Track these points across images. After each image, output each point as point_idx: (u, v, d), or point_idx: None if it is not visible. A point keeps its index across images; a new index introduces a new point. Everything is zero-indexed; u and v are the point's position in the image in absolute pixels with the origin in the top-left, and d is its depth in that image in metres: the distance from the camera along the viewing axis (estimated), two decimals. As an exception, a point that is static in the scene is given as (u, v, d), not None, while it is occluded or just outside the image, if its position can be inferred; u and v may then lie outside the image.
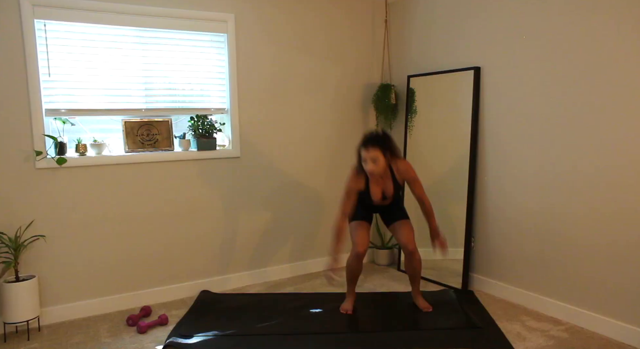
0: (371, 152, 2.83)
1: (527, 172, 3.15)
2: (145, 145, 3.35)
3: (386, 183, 3.00)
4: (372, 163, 2.84)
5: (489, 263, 3.46)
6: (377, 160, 2.84)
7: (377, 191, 2.99)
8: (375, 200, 3.02)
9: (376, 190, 2.99)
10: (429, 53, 3.81)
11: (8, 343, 2.82)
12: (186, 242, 3.50)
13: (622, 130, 2.63)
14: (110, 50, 3.18)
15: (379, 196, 3.00)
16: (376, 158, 2.84)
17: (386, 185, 3.00)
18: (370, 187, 2.99)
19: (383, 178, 2.99)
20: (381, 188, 3.00)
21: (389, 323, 2.97)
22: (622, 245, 2.67)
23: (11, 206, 2.94)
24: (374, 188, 2.99)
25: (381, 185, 3.00)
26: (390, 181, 3.00)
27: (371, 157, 2.84)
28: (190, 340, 2.73)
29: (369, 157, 2.84)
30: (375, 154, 2.83)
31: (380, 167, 2.86)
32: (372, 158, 2.84)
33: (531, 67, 3.07)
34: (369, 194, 3.00)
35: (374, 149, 2.83)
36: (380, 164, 2.85)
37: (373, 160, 2.84)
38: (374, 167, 2.85)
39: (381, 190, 3.00)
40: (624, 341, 2.68)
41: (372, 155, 2.83)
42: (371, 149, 2.83)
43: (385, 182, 3.00)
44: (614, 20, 2.63)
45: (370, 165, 2.85)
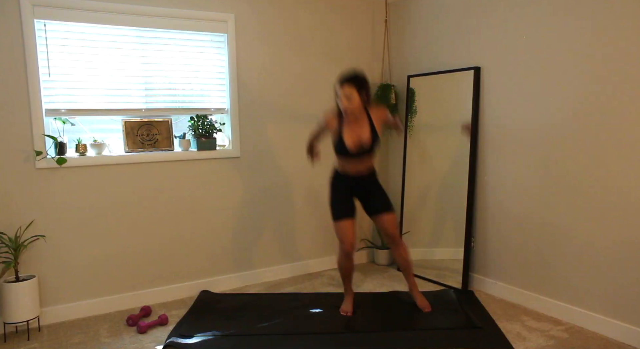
0: (346, 88, 2.80)
1: (527, 172, 3.15)
2: (145, 145, 3.35)
3: (362, 129, 2.90)
4: (347, 100, 2.80)
5: (489, 263, 3.46)
6: (352, 97, 2.81)
7: (352, 137, 2.88)
8: (351, 147, 2.87)
9: (351, 135, 2.88)
10: (429, 53, 3.81)
11: (8, 343, 2.82)
12: (186, 242, 3.50)
13: (622, 130, 2.63)
14: (110, 50, 3.18)
15: (354, 143, 2.87)
16: (350, 95, 2.80)
17: (362, 131, 2.90)
18: (345, 131, 2.89)
19: (359, 123, 2.90)
20: (357, 133, 2.91)
21: (389, 323, 2.96)
22: (622, 245, 2.67)
23: (11, 206, 2.94)
24: (348, 132, 2.89)
25: (357, 130, 2.90)
26: (368, 128, 2.91)
27: (346, 94, 2.79)
28: (190, 340, 2.73)
29: (343, 94, 2.80)
30: (350, 91, 2.80)
31: (354, 104, 2.82)
32: (347, 95, 2.79)
33: (531, 67, 3.07)
34: (343, 140, 2.88)
35: (349, 86, 2.80)
36: (354, 102, 2.82)
37: (347, 97, 2.80)
38: (347, 104, 2.81)
39: (357, 136, 2.89)
40: (624, 341, 2.68)
41: (346, 92, 2.79)
42: (346, 86, 2.80)
43: (362, 128, 2.90)
44: (614, 20, 2.63)
45: (345, 101, 2.80)
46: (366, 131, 2.91)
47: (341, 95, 2.82)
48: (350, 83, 2.81)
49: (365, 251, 4.32)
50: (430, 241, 3.88)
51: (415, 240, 3.97)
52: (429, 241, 3.89)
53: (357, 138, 2.89)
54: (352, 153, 2.90)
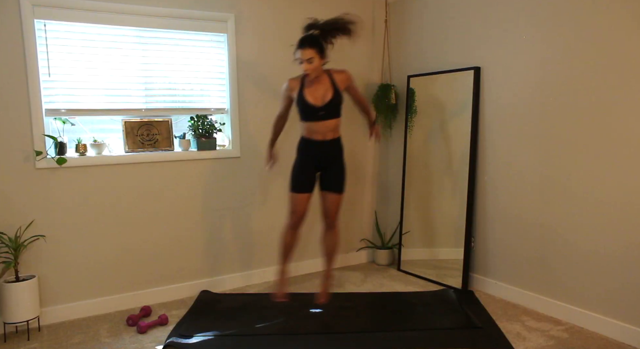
0: (306, 51, 2.81)
1: (527, 172, 3.15)
2: (145, 145, 3.35)
3: (325, 88, 2.92)
4: (307, 62, 2.82)
5: (489, 263, 3.46)
6: (313, 60, 2.83)
7: (313, 95, 2.90)
8: (312, 102, 2.88)
9: (312, 94, 2.91)
10: (429, 53, 3.81)
11: (8, 343, 2.82)
12: (186, 242, 3.50)
13: (622, 131, 2.63)
14: (110, 50, 3.18)
15: (317, 101, 2.89)
16: (311, 58, 2.81)
17: (325, 91, 2.92)
18: (306, 91, 2.91)
19: (321, 83, 2.92)
20: (319, 92, 2.91)
21: (389, 323, 2.97)
22: (622, 245, 2.67)
23: (11, 206, 2.94)
24: (309, 91, 2.91)
25: (319, 90, 2.91)
26: (330, 87, 2.92)
27: (307, 57, 2.81)
28: (190, 340, 2.73)
29: (304, 57, 2.81)
30: (311, 54, 2.81)
31: (315, 66, 2.84)
32: (308, 58, 2.81)
33: (531, 67, 3.07)
34: (305, 98, 2.90)
35: (310, 49, 2.82)
36: (315, 63, 2.84)
37: (308, 59, 2.81)
38: (308, 66, 2.82)
39: (319, 94, 2.91)
40: (623, 341, 2.68)
41: (307, 55, 2.81)
42: (307, 49, 2.82)
43: (325, 87, 2.92)
44: (614, 20, 2.63)
45: (306, 64, 2.82)
46: (328, 91, 2.92)
47: (302, 59, 2.83)
48: (311, 46, 2.83)
49: (365, 251, 4.32)
50: (430, 241, 3.88)
51: (415, 240, 3.97)
52: (429, 241, 3.89)
53: (318, 97, 2.91)
54: (314, 109, 2.90)
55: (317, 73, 2.88)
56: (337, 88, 2.94)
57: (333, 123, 2.97)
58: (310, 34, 2.91)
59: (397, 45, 4.13)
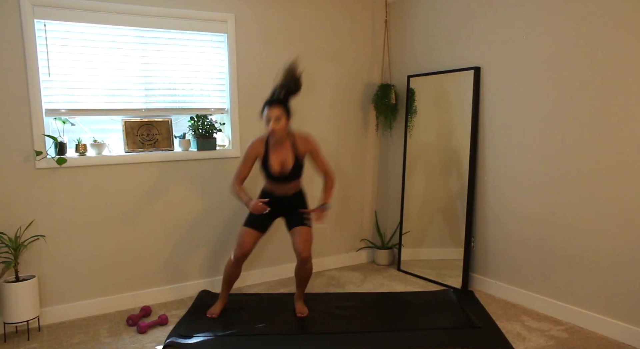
0: (275, 110, 2.84)
1: (527, 172, 3.15)
2: (145, 145, 3.35)
3: (287, 154, 2.95)
4: (275, 121, 2.84)
5: (489, 263, 3.46)
6: (280, 119, 2.85)
7: (276, 161, 2.93)
8: (274, 169, 2.92)
9: (275, 160, 2.93)
10: (429, 53, 3.81)
11: (8, 343, 2.82)
12: (186, 242, 3.50)
13: (622, 131, 2.63)
14: (110, 50, 3.18)
15: (278, 167, 2.92)
16: (279, 117, 2.84)
17: (286, 157, 2.95)
18: (270, 155, 2.94)
19: (284, 147, 2.94)
20: (281, 158, 2.94)
21: (389, 323, 2.96)
22: (622, 245, 2.67)
23: (11, 206, 2.94)
24: (273, 156, 2.94)
25: (281, 155, 2.94)
26: (291, 154, 2.95)
27: (275, 116, 2.83)
28: (190, 340, 2.73)
29: (273, 115, 2.83)
30: (279, 113, 2.84)
31: (282, 126, 2.86)
32: (276, 117, 2.83)
33: (531, 67, 3.07)
34: (269, 163, 2.94)
35: (278, 108, 2.85)
36: (282, 124, 2.86)
37: (277, 118, 2.84)
38: (276, 125, 2.84)
39: (281, 160, 2.93)
40: (624, 341, 2.68)
41: (276, 114, 2.83)
42: (275, 108, 2.85)
43: (286, 153, 2.95)
44: (615, 20, 2.63)
45: (274, 123, 2.84)
46: (290, 157, 2.96)
47: (270, 117, 2.85)
48: (280, 105, 2.87)
49: (365, 251, 4.32)
50: (430, 241, 3.88)
51: (415, 240, 3.97)
52: (429, 241, 3.89)
53: (281, 163, 2.95)
54: (277, 177, 2.96)
55: (283, 134, 2.91)
56: (298, 156, 2.97)
57: (294, 184, 3.05)
58: (278, 94, 2.94)
59: (397, 45, 4.13)
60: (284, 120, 2.87)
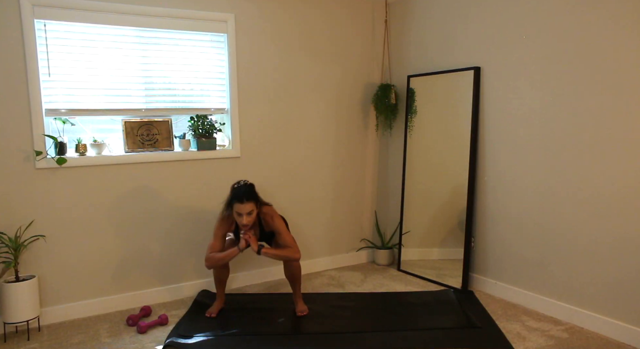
0: (247, 205, 2.84)
1: (527, 172, 3.15)
2: (145, 145, 3.35)
3: (254, 233, 3.05)
4: (248, 216, 2.86)
5: (489, 263, 3.46)
6: (252, 212, 2.88)
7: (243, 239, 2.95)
8: (241, 247, 2.93)
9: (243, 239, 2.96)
10: (429, 53, 3.81)
11: (8, 343, 2.82)
12: (186, 242, 3.50)
13: (622, 131, 2.63)
14: (110, 50, 3.18)
15: (244, 245, 2.93)
16: (251, 211, 2.87)
17: (254, 234, 3.04)
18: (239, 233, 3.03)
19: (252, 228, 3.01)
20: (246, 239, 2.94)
21: (389, 323, 2.96)
22: (623, 245, 2.67)
23: (11, 206, 2.94)
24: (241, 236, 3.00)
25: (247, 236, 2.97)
26: (257, 231, 3.07)
27: (247, 211, 2.85)
28: (189, 340, 2.73)
29: (244, 211, 2.84)
30: (251, 207, 2.87)
31: (252, 220, 2.90)
32: (248, 212, 2.85)
33: (531, 67, 3.07)
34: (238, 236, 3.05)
35: (249, 203, 2.86)
36: (253, 216, 2.90)
37: (249, 213, 2.86)
38: (249, 220, 2.87)
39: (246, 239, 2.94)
40: (624, 341, 2.68)
41: (248, 209, 2.85)
42: (246, 203, 2.85)
43: (253, 231, 3.02)
44: (615, 19, 2.63)
45: (246, 218, 2.86)
46: (257, 233, 3.07)
47: (242, 212, 2.85)
48: (250, 199, 2.87)
49: (365, 251, 4.32)
50: (430, 241, 3.88)
51: (416, 240, 3.97)
52: (429, 241, 3.88)
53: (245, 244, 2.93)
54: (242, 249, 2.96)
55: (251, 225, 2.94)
56: (263, 230, 3.07)
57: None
58: (243, 184, 2.94)
59: (397, 45, 4.13)
60: (254, 213, 2.90)
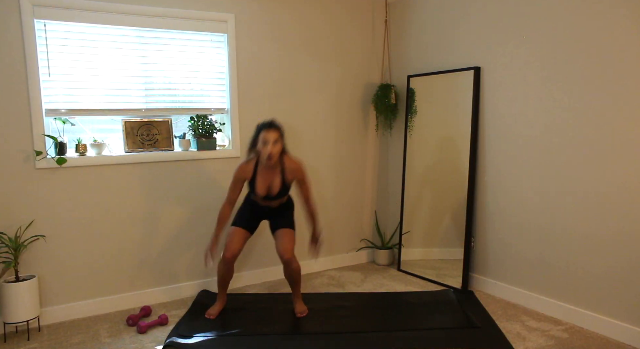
0: (273, 133, 2.85)
1: (527, 172, 3.15)
2: (145, 145, 3.35)
3: (274, 178, 2.96)
4: (273, 145, 2.84)
5: (489, 263, 3.46)
6: (278, 142, 2.86)
7: (263, 185, 2.94)
8: (259, 193, 2.94)
9: (262, 183, 2.94)
10: (429, 53, 3.81)
11: (8, 343, 2.82)
12: (186, 242, 3.50)
13: (623, 130, 2.63)
14: (110, 50, 3.18)
15: (264, 192, 2.93)
16: (277, 140, 2.86)
17: (274, 181, 2.96)
18: (257, 178, 2.95)
19: (272, 172, 2.95)
20: (268, 183, 2.95)
21: (389, 323, 2.96)
22: (623, 245, 2.67)
23: (11, 206, 2.94)
24: (260, 179, 2.95)
25: (269, 179, 2.96)
26: (279, 179, 2.97)
27: (273, 139, 2.83)
28: (190, 340, 2.73)
29: (271, 138, 2.83)
30: (277, 136, 2.86)
31: (278, 150, 2.87)
32: (274, 140, 2.84)
33: (531, 67, 3.07)
34: (255, 186, 2.96)
35: (276, 131, 2.86)
36: (278, 148, 2.87)
37: (275, 141, 2.84)
38: (274, 148, 2.84)
39: (267, 185, 2.94)
40: (624, 341, 2.68)
41: (274, 137, 2.84)
42: (273, 131, 2.85)
43: (274, 177, 2.96)
44: (615, 19, 2.63)
45: (271, 146, 2.83)
46: (277, 183, 2.98)
47: (268, 140, 2.85)
48: (276, 129, 2.88)
49: (365, 251, 4.32)
50: (430, 241, 3.88)
51: (416, 240, 3.97)
52: (429, 241, 3.89)
53: (267, 188, 2.96)
54: (262, 198, 3.00)
55: (276, 159, 2.91)
56: (285, 182, 2.99)
57: (279, 201, 3.08)
58: (273, 119, 2.96)
59: (397, 45, 4.13)
60: (280, 143, 2.89)
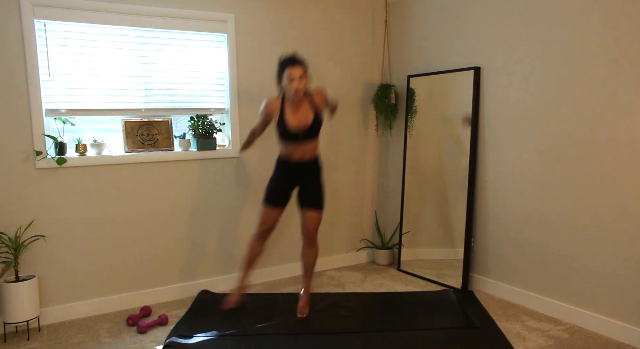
0: (298, 69, 2.78)
1: (527, 172, 3.15)
2: (145, 145, 3.35)
3: (306, 112, 2.88)
4: (299, 80, 2.77)
5: (489, 263, 3.46)
6: (303, 78, 2.79)
7: (294, 118, 2.86)
8: (292, 127, 2.84)
9: (294, 117, 2.86)
10: (429, 53, 3.81)
11: (8, 343, 2.82)
12: (186, 242, 3.50)
13: (623, 130, 2.63)
14: (110, 50, 3.18)
15: (297, 123, 2.84)
16: (302, 75, 2.79)
17: (306, 114, 2.88)
18: (287, 114, 2.87)
19: (302, 106, 2.87)
20: (300, 116, 2.87)
21: (389, 323, 2.96)
22: (622, 245, 2.67)
23: (11, 206, 2.94)
24: (290, 115, 2.87)
25: (299, 112, 2.87)
26: (310, 111, 2.88)
27: (299, 74, 2.77)
28: (189, 340, 2.73)
29: (296, 74, 2.76)
30: (302, 72, 2.79)
31: (304, 85, 2.80)
32: (300, 75, 2.77)
33: (531, 67, 3.07)
34: (285, 121, 2.86)
35: (300, 67, 2.80)
36: (303, 82, 2.80)
37: (300, 77, 2.77)
38: (300, 84, 2.77)
39: (299, 117, 2.86)
40: (624, 341, 2.68)
41: (299, 73, 2.77)
42: (297, 66, 2.79)
43: (305, 111, 2.88)
44: (615, 19, 2.63)
45: (297, 82, 2.76)
46: (309, 114, 2.89)
47: (294, 75, 2.77)
48: (300, 64, 2.81)
49: (365, 251, 4.32)
50: (430, 241, 3.88)
51: (416, 240, 3.97)
52: (429, 241, 3.89)
53: (300, 120, 2.87)
54: (295, 134, 2.87)
55: (302, 95, 2.85)
56: (317, 111, 2.92)
57: (312, 145, 2.97)
58: (295, 53, 2.89)
59: (397, 45, 4.13)
60: (305, 78, 2.81)
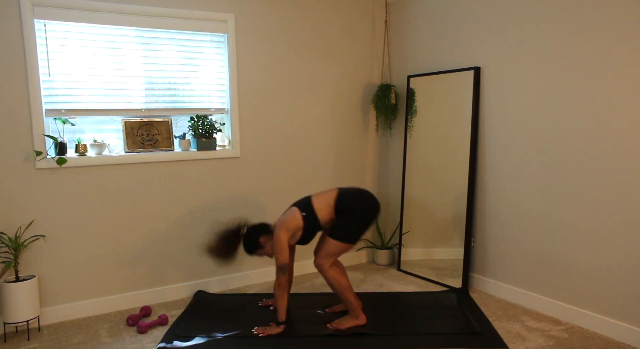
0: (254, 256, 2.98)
1: (527, 172, 3.15)
2: (145, 145, 3.35)
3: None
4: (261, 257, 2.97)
5: (488, 263, 3.46)
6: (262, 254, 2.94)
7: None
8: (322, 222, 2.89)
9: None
10: (429, 53, 3.81)
11: (8, 343, 2.82)
12: (186, 242, 3.50)
13: (623, 130, 2.63)
14: (110, 50, 3.18)
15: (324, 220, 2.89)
16: (260, 254, 2.95)
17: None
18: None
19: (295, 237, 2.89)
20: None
21: (389, 323, 2.96)
22: (623, 245, 2.67)
23: (11, 206, 2.94)
24: None
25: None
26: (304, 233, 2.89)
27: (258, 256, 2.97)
28: (186, 343, 2.72)
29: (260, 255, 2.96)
30: (258, 254, 2.94)
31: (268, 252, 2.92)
32: (259, 256, 2.96)
33: (531, 67, 3.07)
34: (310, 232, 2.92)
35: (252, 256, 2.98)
36: (267, 252, 2.92)
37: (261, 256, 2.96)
38: (267, 256, 2.95)
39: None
40: (624, 341, 2.68)
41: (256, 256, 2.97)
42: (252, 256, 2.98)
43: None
44: (616, 19, 2.63)
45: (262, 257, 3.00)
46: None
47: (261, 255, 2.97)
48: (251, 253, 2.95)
49: (365, 251, 4.32)
50: (430, 241, 3.88)
51: (416, 240, 3.97)
52: (429, 241, 3.89)
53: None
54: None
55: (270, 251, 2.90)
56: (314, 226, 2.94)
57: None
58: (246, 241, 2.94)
59: (397, 45, 4.13)
60: (264, 250, 2.91)
